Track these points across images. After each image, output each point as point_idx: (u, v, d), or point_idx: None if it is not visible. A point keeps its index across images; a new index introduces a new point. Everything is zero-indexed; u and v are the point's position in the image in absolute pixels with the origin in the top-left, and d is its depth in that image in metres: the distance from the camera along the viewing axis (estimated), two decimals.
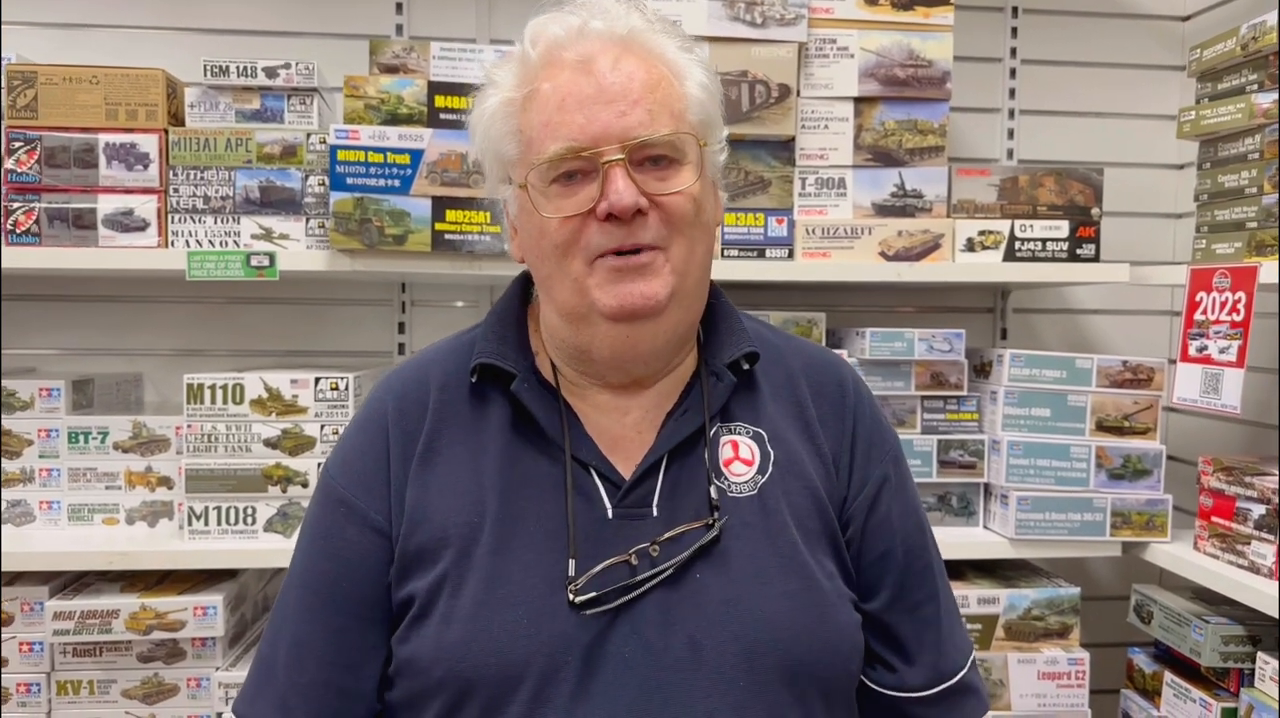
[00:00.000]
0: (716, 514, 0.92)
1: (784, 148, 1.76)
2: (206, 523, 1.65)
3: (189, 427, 1.64)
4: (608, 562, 0.90)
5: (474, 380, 0.97)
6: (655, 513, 0.93)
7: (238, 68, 1.65)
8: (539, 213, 0.90)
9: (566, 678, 0.87)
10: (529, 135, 0.90)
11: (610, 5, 0.93)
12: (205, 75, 1.65)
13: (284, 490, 1.65)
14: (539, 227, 0.91)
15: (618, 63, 0.89)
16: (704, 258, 0.95)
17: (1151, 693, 1.75)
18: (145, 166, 1.63)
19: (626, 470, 0.95)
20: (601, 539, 0.91)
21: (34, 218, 1.61)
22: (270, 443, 1.65)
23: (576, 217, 0.89)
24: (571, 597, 0.88)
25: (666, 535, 0.91)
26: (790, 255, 1.76)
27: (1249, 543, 1.59)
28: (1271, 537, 1.55)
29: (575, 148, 0.87)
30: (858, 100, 1.77)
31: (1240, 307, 1.55)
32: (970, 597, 1.73)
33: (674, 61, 0.93)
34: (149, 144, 1.63)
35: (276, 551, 1.64)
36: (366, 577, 0.94)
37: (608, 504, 0.93)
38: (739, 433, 0.98)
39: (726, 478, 0.95)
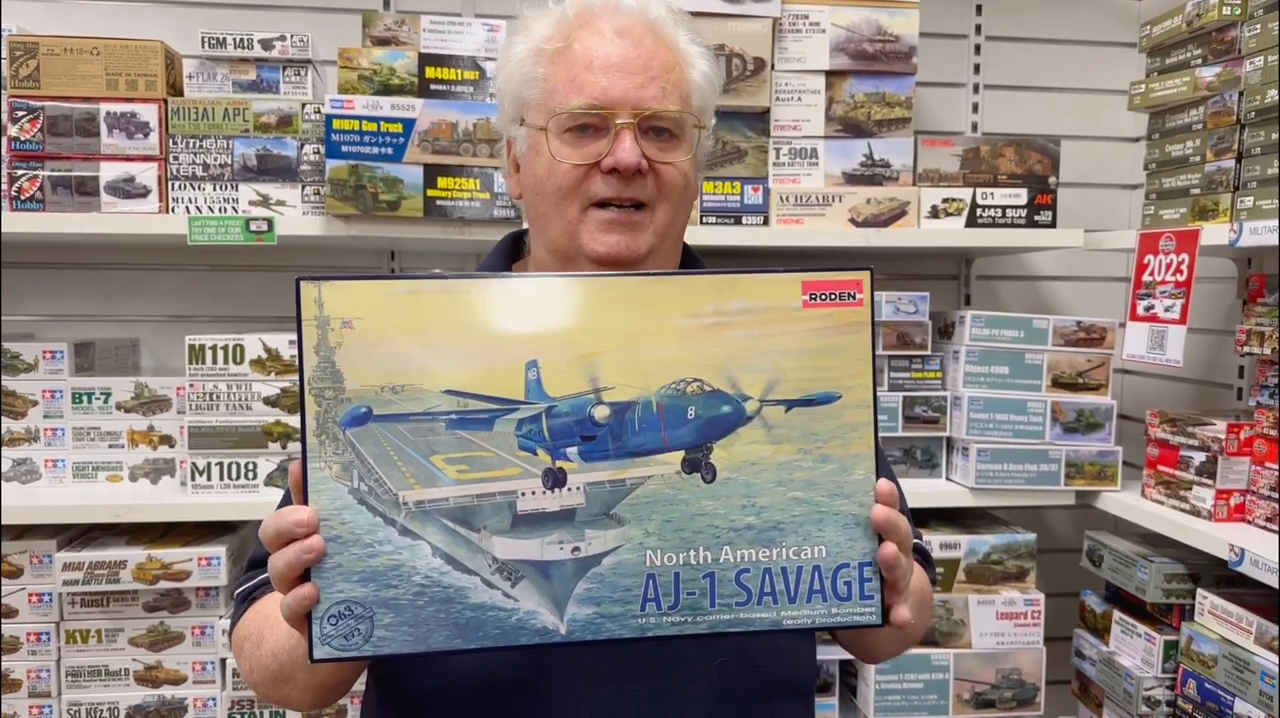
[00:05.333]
0: None
1: (759, 119, 1.85)
2: (209, 478, 1.73)
3: (191, 386, 1.72)
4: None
5: None
6: None
7: (234, 40, 1.71)
8: (550, 155, 1.00)
9: None
10: (552, 85, 1.01)
11: None
12: (203, 47, 1.71)
13: (284, 447, 1.73)
14: (546, 168, 1.01)
15: (642, 40, 1.01)
16: (680, 226, 1.08)
17: (1101, 631, 1.87)
18: (145, 135, 1.69)
19: None
20: None
21: (38, 185, 1.67)
22: (270, 401, 1.73)
23: (583, 166, 1.00)
24: None
25: None
26: (765, 222, 1.85)
27: (1190, 488, 1.71)
28: (1211, 482, 1.67)
29: (595, 105, 0.99)
30: (829, 74, 1.86)
31: (1184, 268, 1.66)
32: (933, 542, 1.84)
33: (686, 51, 1.06)
34: (149, 113, 1.69)
35: (275, 504, 1.71)
36: None
37: None
38: None
39: None
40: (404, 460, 0.77)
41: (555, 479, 0.79)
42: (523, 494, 0.78)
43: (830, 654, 1.80)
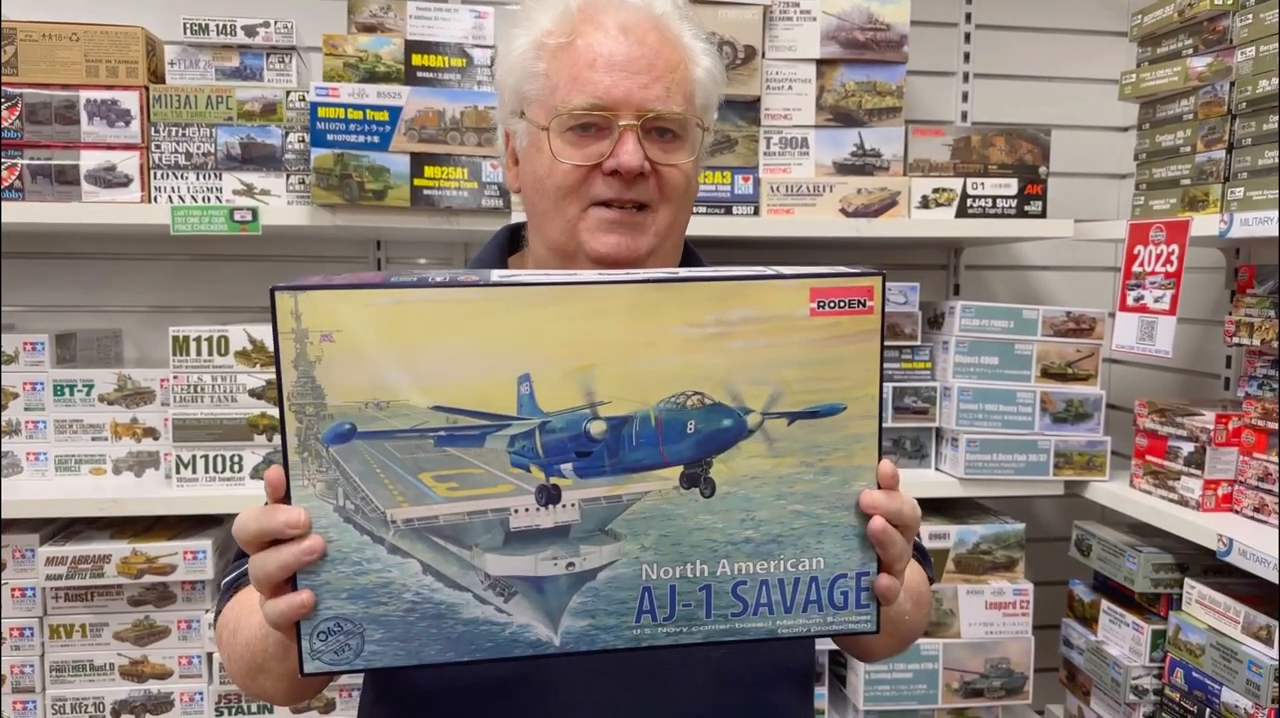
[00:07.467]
0: None
1: (750, 108, 1.84)
2: (194, 471, 1.71)
3: (175, 378, 1.69)
4: None
5: None
6: None
7: (217, 26, 1.68)
8: (552, 154, 0.98)
9: None
10: (555, 82, 0.99)
11: None
12: (185, 33, 1.68)
13: (270, 439, 1.71)
14: (546, 166, 1.00)
15: (646, 38, 0.99)
16: (682, 226, 1.06)
17: (1090, 620, 1.88)
18: (127, 123, 1.66)
19: None
20: None
21: (17, 174, 1.64)
22: (255, 393, 1.71)
23: (584, 167, 0.98)
24: None
25: None
26: (756, 212, 1.84)
27: (1179, 479, 1.72)
28: (1199, 472, 1.67)
29: (598, 105, 0.97)
30: (819, 62, 1.85)
31: (1174, 258, 1.66)
32: (922, 533, 1.84)
33: (690, 47, 1.03)
34: (130, 101, 1.66)
35: (264, 497, 1.70)
36: None
37: None
38: None
39: None
40: (391, 478, 0.74)
41: (549, 496, 0.77)
42: (515, 511, 0.76)
43: (819, 645, 1.80)
